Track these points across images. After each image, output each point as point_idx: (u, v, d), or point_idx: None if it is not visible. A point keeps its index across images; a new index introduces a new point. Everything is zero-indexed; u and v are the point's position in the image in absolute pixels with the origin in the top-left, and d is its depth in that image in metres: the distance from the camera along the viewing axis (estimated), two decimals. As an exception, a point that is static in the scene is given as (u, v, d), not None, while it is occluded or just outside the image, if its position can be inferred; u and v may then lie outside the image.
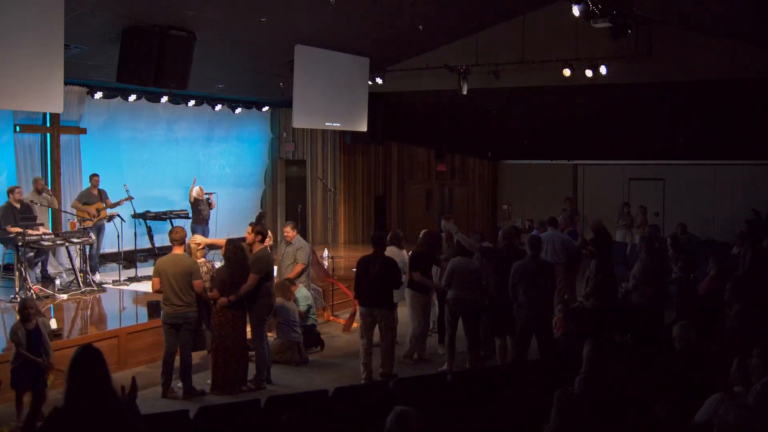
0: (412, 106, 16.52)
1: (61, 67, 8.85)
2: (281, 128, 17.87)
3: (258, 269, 8.01)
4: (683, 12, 11.30)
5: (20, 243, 10.03)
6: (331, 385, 6.09)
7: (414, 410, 3.62)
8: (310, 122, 14.31)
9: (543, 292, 7.99)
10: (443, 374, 7.37)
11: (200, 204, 13.48)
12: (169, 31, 10.56)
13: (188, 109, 15.17)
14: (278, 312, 9.02)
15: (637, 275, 9.03)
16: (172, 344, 7.78)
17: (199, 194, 13.50)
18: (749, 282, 7.72)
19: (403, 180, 19.20)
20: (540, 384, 5.78)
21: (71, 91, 12.39)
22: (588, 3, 10.37)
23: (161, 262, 7.88)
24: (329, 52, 13.45)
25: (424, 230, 9.66)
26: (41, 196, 11.71)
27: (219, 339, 7.86)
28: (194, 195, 13.49)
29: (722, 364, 5.21)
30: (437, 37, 14.16)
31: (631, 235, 15.01)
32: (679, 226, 13.06)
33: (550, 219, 11.57)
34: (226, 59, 13.01)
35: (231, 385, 7.86)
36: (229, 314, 7.86)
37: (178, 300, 7.66)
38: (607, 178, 17.93)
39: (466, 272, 8.51)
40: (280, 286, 9.45)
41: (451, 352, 8.71)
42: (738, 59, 12.16)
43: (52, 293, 10.41)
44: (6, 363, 7.62)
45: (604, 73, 12.78)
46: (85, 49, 10.77)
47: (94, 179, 12.22)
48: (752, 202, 14.88)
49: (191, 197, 13.56)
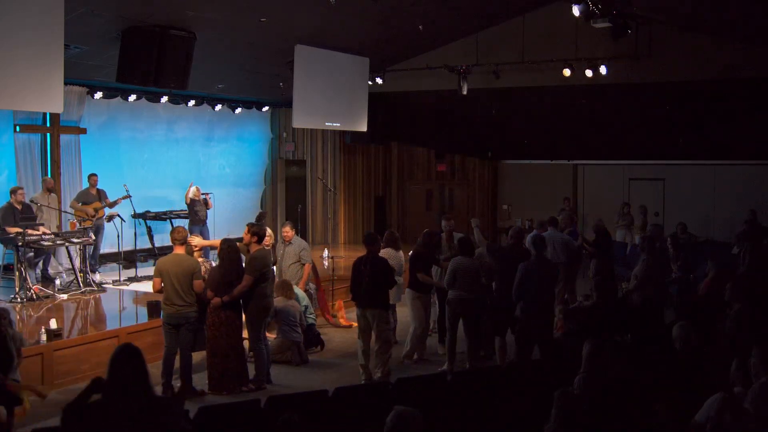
0: (412, 106, 16.52)
1: (61, 67, 8.86)
2: (281, 128, 17.88)
3: (252, 270, 7.93)
4: (683, 12, 11.30)
5: (20, 243, 10.03)
6: (331, 385, 6.09)
7: (414, 410, 3.62)
8: (310, 122, 14.31)
9: (548, 293, 8.01)
10: (443, 374, 7.36)
11: (196, 205, 13.44)
12: (169, 31, 10.56)
13: (188, 109, 15.17)
14: (279, 313, 9.02)
15: (638, 275, 9.03)
16: (172, 344, 7.77)
17: (196, 194, 13.45)
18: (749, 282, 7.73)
19: (403, 180, 19.20)
20: (540, 384, 5.78)
21: (71, 91, 12.39)
22: (588, 3, 10.37)
23: (163, 262, 7.86)
24: (329, 52, 13.45)
25: (426, 230, 9.67)
26: (51, 196, 11.72)
27: (213, 339, 7.84)
28: (190, 196, 13.45)
29: (722, 364, 5.21)
30: (437, 37, 14.16)
31: (631, 235, 15.02)
32: (679, 226, 13.07)
33: (550, 219, 11.59)
34: (226, 59, 13.02)
35: (227, 385, 7.84)
36: (223, 314, 7.82)
37: (180, 300, 7.65)
38: (607, 178, 17.93)
39: (468, 272, 8.50)
40: (281, 285, 9.45)
41: (451, 352, 8.70)
42: (738, 59, 12.17)
43: (52, 293, 10.41)
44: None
45: (604, 73, 12.78)
46: (85, 49, 10.78)
47: (92, 179, 12.25)
48: (752, 202, 14.89)
49: (187, 198, 13.52)
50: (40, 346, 7.93)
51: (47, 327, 8.12)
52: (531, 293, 7.85)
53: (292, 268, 10.00)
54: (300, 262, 10.06)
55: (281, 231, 10.51)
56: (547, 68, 13.33)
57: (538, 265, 7.94)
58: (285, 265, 10.04)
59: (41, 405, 7.42)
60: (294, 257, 10.03)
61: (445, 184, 18.98)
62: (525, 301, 7.91)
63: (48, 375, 7.88)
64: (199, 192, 13.53)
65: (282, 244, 10.26)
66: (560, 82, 13.23)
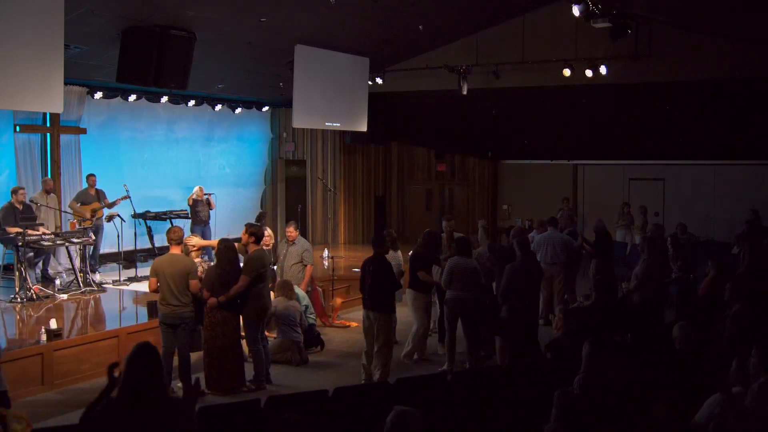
0: (412, 106, 16.52)
1: (61, 67, 8.85)
2: (281, 128, 17.87)
3: (249, 271, 7.92)
4: (683, 12, 11.30)
5: (20, 243, 10.03)
6: (331, 385, 6.09)
7: (414, 410, 3.62)
8: (310, 122, 14.30)
9: (534, 294, 8.10)
10: (443, 374, 7.37)
11: (198, 205, 13.45)
12: (169, 31, 10.56)
13: (188, 109, 15.17)
14: (279, 314, 9.02)
15: (639, 275, 9.03)
16: (169, 344, 7.75)
17: (198, 195, 13.46)
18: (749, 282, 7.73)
19: (403, 180, 19.20)
20: (540, 384, 5.78)
21: (71, 91, 12.40)
22: (588, 3, 10.37)
23: (159, 262, 7.86)
24: (329, 52, 13.45)
25: (426, 230, 9.68)
26: (50, 196, 11.71)
27: (210, 339, 7.83)
28: (193, 197, 13.47)
29: (722, 364, 5.21)
30: (437, 37, 14.16)
31: (631, 235, 15.02)
32: (679, 226, 13.07)
33: (550, 219, 11.61)
34: (226, 59, 13.01)
35: (225, 386, 7.82)
36: (219, 315, 7.82)
37: (175, 300, 7.64)
38: (607, 178, 17.94)
39: (465, 272, 8.51)
40: (282, 285, 9.45)
41: (451, 352, 8.71)
42: (737, 59, 12.16)
43: (52, 293, 10.41)
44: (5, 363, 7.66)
45: (604, 73, 12.78)
46: (85, 49, 10.78)
47: (90, 179, 12.23)
48: (752, 202, 14.88)
49: (190, 200, 13.54)
50: (40, 346, 7.94)
51: (47, 327, 8.12)
52: (517, 294, 7.93)
53: (294, 268, 9.99)
54: (302, 263, 10.05)
55: (285, 231, 10.52)
56: (547, 68, 13.32)
57: (525, 265, 7.98)
58: (287, 265, 10.03)
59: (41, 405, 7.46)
60: (296, 257, 10.02)
61: (445, 184, 18.98)
62: (511, 302, 8.01)
63: (48, 375, 7.88)
64: (202, 192, 13.54)
65: (285, 243, 10.27)
66: (560, 82, 13.22)
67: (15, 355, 7.74)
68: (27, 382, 7.73)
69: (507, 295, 8.06)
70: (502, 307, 8.15)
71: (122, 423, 3.68)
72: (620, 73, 12.98)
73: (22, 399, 7.54)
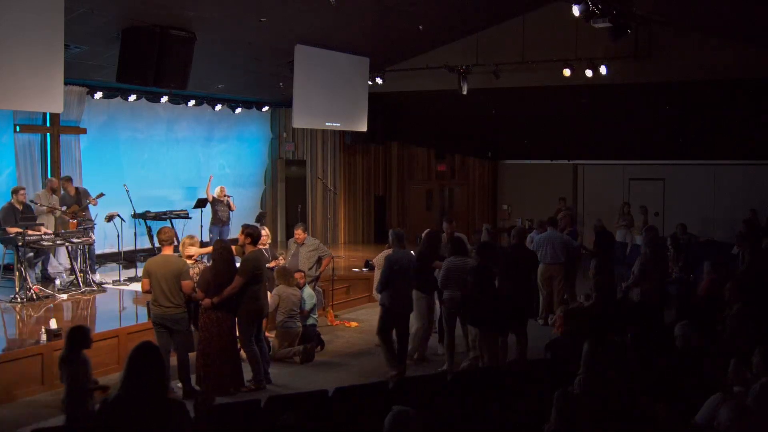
0: (412, 106, 16.52)
1: (61, 67, 8.85)
2: (281, 128, 17.88)
3: (243, 272, 7.87)
4: (683, 12, 11.30)
5: (20, 243, 10.03)
6: (331, 385, 6.09)
7: (413, 410, 3.62)
8: (310, 122, 14.31)
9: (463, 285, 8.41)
10: (443, 374, 7.37)
11: (218, 204, 13.47)
12: (169, 31, 10.56)
13: (188, 109, 15.17)
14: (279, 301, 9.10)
15: (635, 271, 9.08)
16: (164, 345, 7.68)
17: (220, 195, 13.51)
18: (749, 282, 7.73)
19: (403, 180, 19.19)
20: (540, 384, 5.78)
21: (71, 91, 12.39)
22: (588, 3, 10.36)
23: (151, 263, 7.81)
24: (329, 52, 13.45)
25: (427, 230, 9.68)
26: (53, 197, 11.66)
27: (204, 340, 7.79)
28: (214, 195, 13.48)
29: (722, 364, 5.21)
30: (437, 37, 14.16)
31: (631, 235, 15.01)
32: (679, 226, 13.07)
33: (550, 219, 11.61)
34: (226, 59, 13.02)
35: (221, 387, 7.76)
36: (213, 315, 7.76)
37: (167, 301, 7.59)
38: (607, 178, 17.93)
39: (461, 271, 8.51)
40: (282, 272, 9.46)
41: (451, 352, 8.71)
42: (738, 59, 12.17)
43: (52, 293, 10.41)
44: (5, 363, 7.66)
45: (604, 73, 12.79)
46: (85, 49, 10.78)
47: (65, 183, 11.81)
48: (752, 202, 14.89)
49: (210, 196, 13.52)
50: (40, 346, 7.94)
51: (47, 327, 8.12)
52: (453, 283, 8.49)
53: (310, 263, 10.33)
54: (319, 259, 10.45)
55: (283, 231, 10.61)
56: (547, 68, 13.33)
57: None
58: (301, 260, 10.23)
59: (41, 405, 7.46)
60: (310, 259, 10.28)
61: (445, 184, 18.98)
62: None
63: (48, 375, 7.87)
64: (224, 192, 13.57)
65: (294, 244, 10.46)
66: (560, 82, 13.23)
67: (15, 355, 7.75)
68: (27, 382, 7.73)
69: (445, 283, 8.60)
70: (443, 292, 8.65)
71: (123, 422, 3.68)
72: (620, 73, 12.99)
73: (22, 399, 7.56)
